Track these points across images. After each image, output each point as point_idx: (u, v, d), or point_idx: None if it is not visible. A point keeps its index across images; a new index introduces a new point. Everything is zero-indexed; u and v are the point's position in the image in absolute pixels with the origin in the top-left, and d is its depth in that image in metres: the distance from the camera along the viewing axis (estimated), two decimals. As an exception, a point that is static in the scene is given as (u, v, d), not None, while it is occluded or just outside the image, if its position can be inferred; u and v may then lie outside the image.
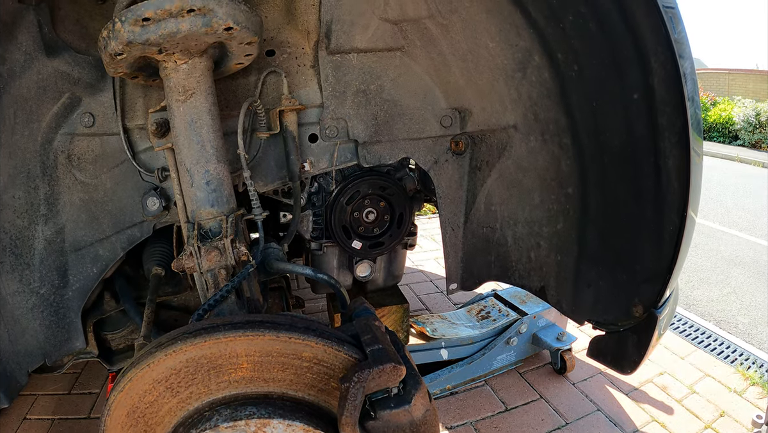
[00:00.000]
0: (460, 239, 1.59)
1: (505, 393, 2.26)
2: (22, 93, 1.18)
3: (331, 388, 0.81)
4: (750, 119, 11.69)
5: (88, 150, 1.28)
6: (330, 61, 1.33)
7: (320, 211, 1.63)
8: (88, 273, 1.34)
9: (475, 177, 1.52)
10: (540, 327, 2.50)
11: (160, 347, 0.77)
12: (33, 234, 1.27)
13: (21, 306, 1.29)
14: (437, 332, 2.48)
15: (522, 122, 1.31)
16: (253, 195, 1.19)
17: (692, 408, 2.17)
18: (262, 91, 1.34)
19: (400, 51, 1.37)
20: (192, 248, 1.02)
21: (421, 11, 1.25)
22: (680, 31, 0.94)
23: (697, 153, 0.98)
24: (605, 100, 1.08)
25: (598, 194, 1.18)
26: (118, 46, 0.93)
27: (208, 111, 1.05)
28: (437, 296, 3.21)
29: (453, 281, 1.63)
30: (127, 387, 0.78)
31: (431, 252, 3.94)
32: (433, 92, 1.43)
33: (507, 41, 1.20)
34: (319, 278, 1.24)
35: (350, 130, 1.40)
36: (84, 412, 2.11)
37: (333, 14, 1.23)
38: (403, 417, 0.75)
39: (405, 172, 1.70)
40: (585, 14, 1.00)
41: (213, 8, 0.91)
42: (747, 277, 4.18)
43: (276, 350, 0.79)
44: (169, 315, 1.66)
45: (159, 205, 1.31)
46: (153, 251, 1.51)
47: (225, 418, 0.78)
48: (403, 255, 1.94)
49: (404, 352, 0.88)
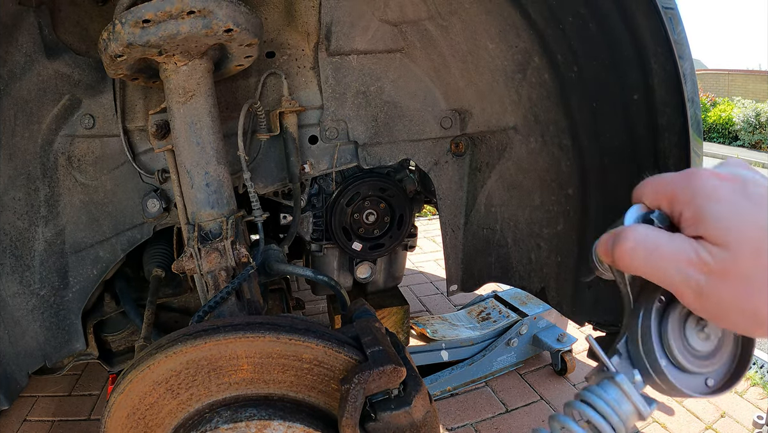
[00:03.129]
0: (461, 240, 1.59)
1: (505, 394, 2.26)
2: (23, 95, 1.18)
3: (332, 389, 0.81)
4: (750, 120, 11.70)
5: (89, 152, 1.28)
6: (330, 62, 1.34)
7: (320, 213, 1.63)
8: (88, 275, 1.34)
9: (475, 178, 1.52)
10: (540, 328, 2.50)
11: (161, 349, 0.77)
12: (33, 236, 1.27)
13: (21, 308, 1.29)
14: (438, 333, 2.48)
15: (522, 123, 1.31)
16: (253, 197, 1.19)
17: (693, 409, 2.17)
18: (262, 93, 1.34)
19: (399, 52, 1.37)
20: (192, 250, 1.01)
21: (420, 13, 1.25)
22: (680, 32, 0.94)
23: (697, 154, 0.98)
24: (605, 101, 1.08)
25: (599, 195, 1.18)
26: (119, 48, 0.93)
27: (208, 113, 1.05)
28: (437, 298, 3.21)
29: (453, 283, 1.63)
30: (128, 389, 0.78)
31: (431, 253, 3.94)
32: (432, 94, 1.43)
33: (507, 42, 1.20)
34: (319, 279, 1.24)
35: (350, 131, 1.40)
36: (84, 413, 2.11)
37: (333, 16, 1.23)
38: (404, 419, 0.75)
39: (405, 174, 1.70)
40: (585, 15, 1.00)
41: (213, 10, 0.92)
42: (747, 278, 4.18)
43: (276, 352, 0.79)
44: (169, 317, 1.66)
45: (159, 206, 1.31)
46: (153, 253, 1.51)
47: (225, 419, 0.78)
48: (404, 256, 1.94)
49: (405, 353, 0.88)
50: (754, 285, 0.38)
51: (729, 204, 0.40)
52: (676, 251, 0.41)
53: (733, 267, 0.39)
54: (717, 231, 0.39)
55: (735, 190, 0.40)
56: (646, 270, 0.43)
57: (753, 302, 0.38)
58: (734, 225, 0.39)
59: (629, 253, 0.44)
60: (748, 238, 0.38)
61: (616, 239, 0.45)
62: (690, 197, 0.42)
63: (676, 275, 0.41)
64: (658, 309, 0.46)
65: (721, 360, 0.46)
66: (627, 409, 0.46)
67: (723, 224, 0.39)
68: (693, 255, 0.40)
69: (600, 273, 0.52)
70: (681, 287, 0.41)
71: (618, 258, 0.45)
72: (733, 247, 0.39)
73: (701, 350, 0.46)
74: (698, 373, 0.46)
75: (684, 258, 0.41)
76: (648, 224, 0.45)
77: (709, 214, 0.40)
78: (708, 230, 0.40)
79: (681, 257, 0.41)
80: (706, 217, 0.40)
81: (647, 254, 0.42)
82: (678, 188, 0.43)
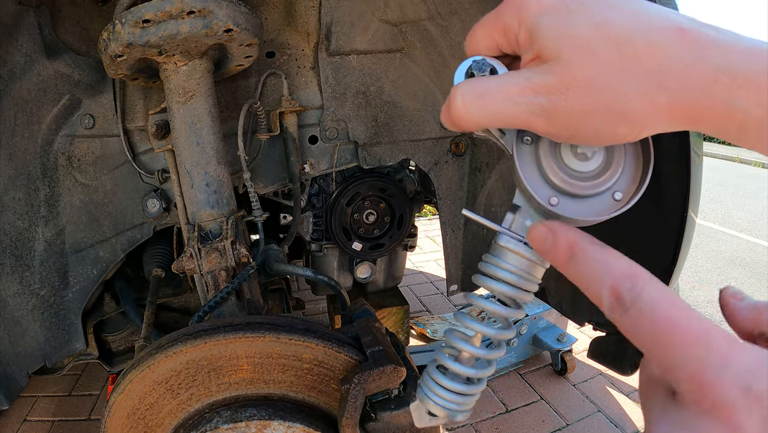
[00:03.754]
0: (461, 240, 1.59)
1: (505, 394, 2.26)
2: (23, 95, 1.18)
3: (332, 389, 0.81)
4: (750, 120, 11.70)
5: (89, 152, 1.28)
6: (330, 62, 1.34)
7: (320, 213, 1.63)
8: (88, 275, 1.34)
9: (475, 178, 1.52)
10: (540, 328, 2.50)
11: (161, 349, 0.77)
12: (33, 236, 1.27)
13: (21, 308, 1.29)
14: (438, 333, 2.48)
15: (522, 123, 1.31)
16: (253, 197, 1.19)
17: (693, 409, 2.17)
18: (262, 93, 1.34)
19: (399, 52, 1.37)
20: (192, 250, 1.02)
21: (420, 13, 1.25)
22: (680, 32, 0.94)
23: (697, 154, 0.98)
24: (605, 101, 1.08)
25: (598, 195, 1.18)
26: (119, 48, 0.93)
27: (208, 113, 1.05)
28: (437, 298, 3.21)
29: (453, 283, 1.63)
30: (128, 389, 0.78)
31: (431, 253, 3.94)
32: (433, 93, 1.43)
33: (507, 42, 1.20)
34: (319, 279, 1.24)
35: (350, 131, 1.40)
36: (84, 413, 2.11)
37: (333, 16, 1.24)
38: (404, 419, 0.75)
39: (405, 174, 1.70)
40: (584, 15, 1.00)
41: (213, 10, 0.92)
42: (747, 277, 4.18)
43: (276, 352, 0.79)
44: (169, 317, 1.66)
45: (159, 206, 1.31)
46: (153, 253, 1.51)
47: (225, 419, 0.78)
48: (404, 256, 1.94)
49: (405, 353, 0.88)
50: (597, 84, 0.35)
51: (556, 12, 0.37)
52: (504, 86, 0.38)
53: (570, 75, 0.36)
54: (548, 42, 0.36)
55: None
56: (486, 119, 0.40)
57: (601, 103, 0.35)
58: (563, 31, 0.36)
59: (462, 111, 0.40)
60: (579, 40, 0.35)
61: (447, 104, 0.42)
62: (518, 20, 0.39)
63: (513, 108, 0.38)
64: (528, 150, 0.43)
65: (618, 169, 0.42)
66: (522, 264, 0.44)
67: (552, 34, 0.36)
68: (523, 81, 0.38)
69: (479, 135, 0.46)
70: (525, 118, 0.38)
71: (456, 121, 0.41)
72: (565, 55, 0.36)
73: (588, 170, 0.42)
74: (597, 193, 0.43)
75: (514, 89, 0.38)
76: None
77: (538, 27, 0.37)
78: (541, 46, 0.37)
79: (511, 90, 0.38)
80: (536, 31, 0.37)
81: (478, 103, 0.39)
82: (505, 16, 0.40)
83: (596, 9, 0.35)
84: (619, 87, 0.35)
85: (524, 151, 0.43)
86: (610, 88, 0.35)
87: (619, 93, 0.35)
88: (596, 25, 0.35)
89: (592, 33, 0.35)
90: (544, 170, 0.42)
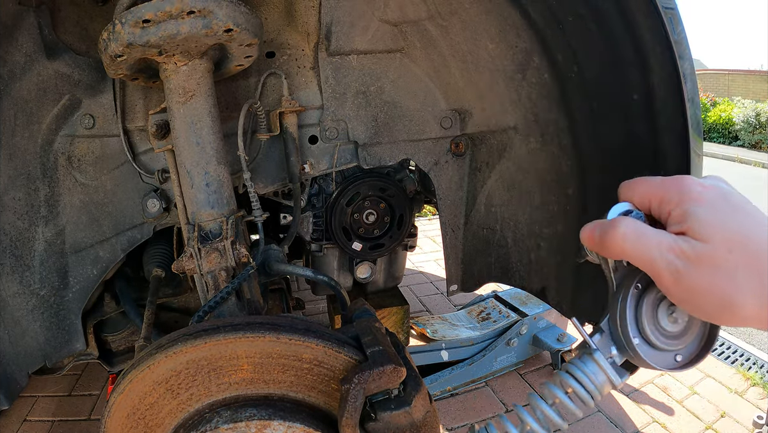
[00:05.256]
0: (461, 240, 1.59)
1: (505, 394, 2.26)
2: (23, 95, 1.18)
3: (332, 389, 0.81)
4: (750, 120, 11.70)
5: (89, 152, 1.28)
6: (330, 62, 1.34)
7: (320, 213, 1.63)
8: (88, 275, 1.34)
9: (475, 178, 1.52)
10: (540, 328, 2.50)
11: (161, 349, 0.77)
12: (33, 236, 1.27)
13: (21, 308, 1.29)
14: (438, 333, 2.48)
15: (522, 123, 1.31)
16: (253, 197, 1.19)
17: (693, 409, 2.17)
18: (262, 93, 1.34)
19: (399, 52, 1.37)
20: (192, 250, 1.01)
21: (420, 13, 1.25)
22: (680, 32, 0.94)
23: (697, 154, 0.98)
24: (605, 101, 1.08)
25: (598, 195, 1.18)
26: (119, 48, 0.93)
27: (208, 113, 1.05)
28: (437, 298, 3.21)
29: (453, 283, 1.63)
30: (128, 389, 0.78)
31: (431, 253, 3.95)
32: (433, 94, 1.43)
33: (506, 43, 1.20)
34: (319, 279, 1.24)
35: (350, 131, 1.40)
36: (84, 413, 2.11)
37: (333, 16, 1.23)
38: (404, 419, 0.75)
39: (405, 174, 1.70)
40: (584, 15, 1.00)
41: (213, 10, 0.92)
42: (747, 278, 4.18)
43: (276, 352, 0.79)
44: (169, 317, 1.66)
45: (159, 206, 1.31)
46: (153, 253, 1.51)
47: (225, 419, 0.78)
48: (404, 256, 1.94)
49: (405, 353, 0.88)
50: (724, 275, 0.45)
51: (711, 207, 0.47)
52: (659, 237, 0.49)
53: (708, 257, 0.45)
54: (699, 227, 0.47)
55: (717, 197, 0.48)
56: (633, 254, 0.50)
57: (721, 288, 0.45)
58: (714, 224, 0.46)
59: (620, 238, 0.51)
60: (724, 236, 0.45)
61: (606, 226, 0.53)
62: (679, 199, 0.49)
63: (658, 258, 0.48)
64: (635, 294, 0.55)
65: (689, 340, 0.54)
66: (601, 379, 0.55)
67: (704, 223, 0.47)
68: (673, 242, 0.48)
69: (589, 258, 0.59)
70: (661, 269, 0.48)
71: (608, 244, 0.52)
72: (710, 241, 0.46)
73: (671, 331, 0.54)
74: (668, 350, 0.54)
75: (666, 245, 0.48)
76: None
77: (694, 213, 0.47)
78: (692, 227, 0.47)
79: (664, 244, 0.48)
80: (691, 216, 0.48)
81: (635, 239, 0.50)
82: (668, 191, 0.51)
83: (739, 217, 0.47)
84: (740, 287, 0.45)
85: (631, 294, 0.55)
86: (733, 283, 0.45)
87: (738, 292, 0.45)
88: (739, 232, 0.46)
89: (734, 235, 0.46)
90: (641, 316, 0.54)
